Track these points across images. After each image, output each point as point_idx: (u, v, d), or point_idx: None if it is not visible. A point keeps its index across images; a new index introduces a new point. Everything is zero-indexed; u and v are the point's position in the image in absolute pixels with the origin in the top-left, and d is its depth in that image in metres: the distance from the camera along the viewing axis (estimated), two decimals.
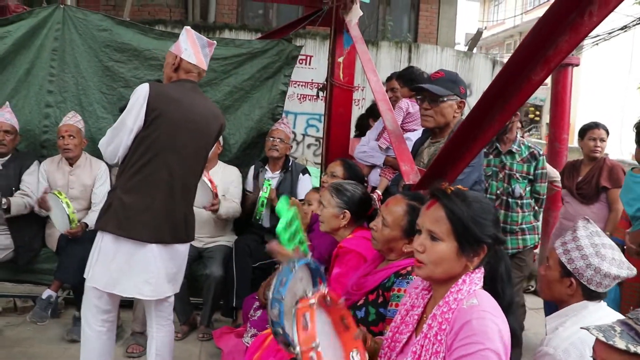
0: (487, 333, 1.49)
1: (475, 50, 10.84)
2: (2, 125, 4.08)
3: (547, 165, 4.16)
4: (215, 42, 3.11)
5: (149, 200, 2.81)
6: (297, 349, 1.62)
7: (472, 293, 1.62)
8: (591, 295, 2.01)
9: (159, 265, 2.85)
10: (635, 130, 3.58)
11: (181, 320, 4.14)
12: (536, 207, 4.04)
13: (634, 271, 2.00)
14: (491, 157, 3.99)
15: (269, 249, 2.69)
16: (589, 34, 1.52)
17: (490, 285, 1.70)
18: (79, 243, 3.84)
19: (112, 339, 3.00)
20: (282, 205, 2.89)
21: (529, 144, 4.01)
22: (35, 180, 4.20)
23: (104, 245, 2.82)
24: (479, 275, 1.67)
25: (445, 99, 2.83)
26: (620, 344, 1.36)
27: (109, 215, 2.81)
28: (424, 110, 2.92)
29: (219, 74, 4.59)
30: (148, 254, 2.81)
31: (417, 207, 2.24)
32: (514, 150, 3.94)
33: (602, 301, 2.03)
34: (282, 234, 2.70)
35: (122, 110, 3.03)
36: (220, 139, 4.37)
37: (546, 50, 1.62)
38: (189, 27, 3.05)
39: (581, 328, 1.55)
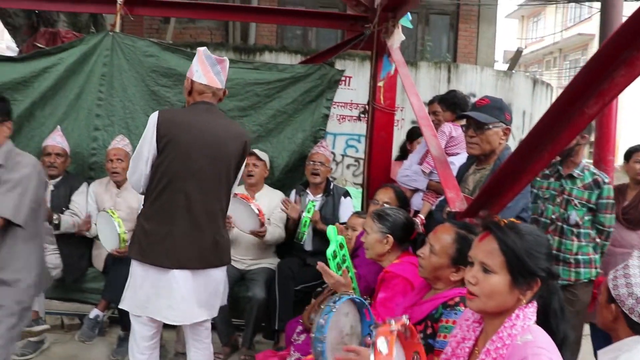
0: None
1: (515, 69, 10.76)
2: (54, 149, 4.24)
3: None
4: (226, 58, 3.04)
5: (168, 227, 2.82)
6: None
7: (526, 328, 1.60)
8: (637, 329, 1.96)
9: (183, 291, 2.84)
10: None
11: (223, 342, 4.17)
12: (598, 240, 3.69)
13: None
14: (552, 179, 3.72)
15: (319, 267, 2.70)
16: None
17: (543, 320, 1.67)
18: (125, 263, 3.91)
19: None
20: (332, 231, 2.92)
21: (595, 170, 3.67)
22: (84, 201, 4.35)
23: (133, 271, 2.89)
24: (532, 310, 1.65)
25: (490, 126, 2.82)
26: None
27: (133, 242, 2.90)
28: (469, 138, 2.92)
29: (263, 97, 4.65)
30: (172, 280, 2.81)
31: (465, 235, 2.23)
32: (575, 174, 3.63)
33: None
34: (330, 259, 2.72)
35: None
36: (267, 161, 4.44)
37: (601, 84, 1.60)
38: (201, 48, 3.03)
39: None
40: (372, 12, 4.50)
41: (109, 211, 3.95)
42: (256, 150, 4.41)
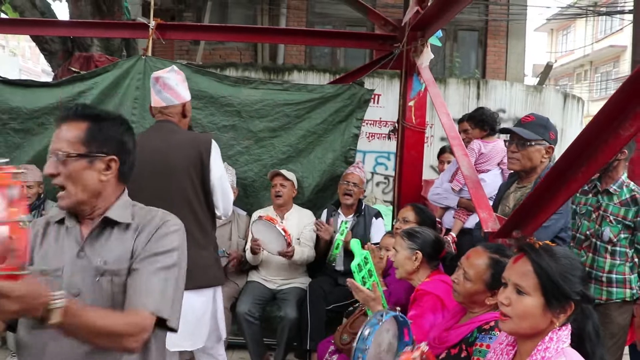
0: None
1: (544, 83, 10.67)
2: None
3: None
4: (163, 74, 3.00)
5: None
6: None
7: (560, 351, 1.59)
8: None
9: None
10: None
11: None
12: (636, 259, 3.56)
13: None
14: (589, 195, 3.65)
15: (348, 283, 2.69)
16: None
17: (577, 344, 1.66)
18: None
19: None
20: (356, 244, 2.92)
21: (634, 187, 3.55)
22: None
23: None
24: (566, 333, 1.64)
25: (533, 143, 2.83)
26: None
27: None
28: (511, 153, 2.94)
29: (293, 118, 4.68)
30: None
31: (499, 260, 2.21)
32: (611, 190, 3.53)
33: None
34: (355, 272, 2.72)
35: None
36: (295, 181, 4.46)
37: (636, 106, 1.59)
38: (155, 73, 3.07)
39: None
40: (400, 32, 4.52)
41: None
42: (283, 171, 4.45)
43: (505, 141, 3.12)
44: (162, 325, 1.65)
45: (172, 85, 2.99)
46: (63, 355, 1.61)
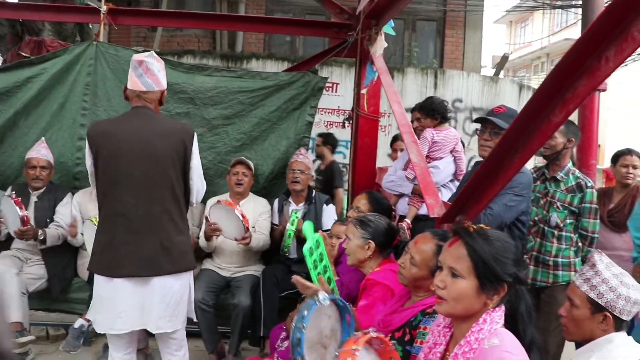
0: None
1: (502, 74, 10.84)
2: (39, 161, 4.24)
3: None
4: (147, 58, 2.94)
5: (109, 237, 2.84)
6: None
7: (493, 332, 1.63)
8: (620, 327, 2.00)
9: (130, 300, 2.82)
10: None
11: (209, 349, 4.16)
12: (580, 244, 3.69)
13: None
14: (538, 182, 3.77)
15: (294, 280, 2.62)
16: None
17: (511, 324, 1.71)
18: None
19: None
20: (308, 227, 2.93)
21: (579, 174, 3.69)
22: (68, 211, 4.34)
23: (95, 285, 2.93)
24: (499, 314, 1.69)
25: None
26: None
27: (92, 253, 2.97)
28: (483, 141, 3.05)
29: (247, 105, 4.67)
30: (117, 289, 2.80)
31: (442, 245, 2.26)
32: (558, 177, 3.66)
33: (625, 333, 2.02)
34: (307, 256, 2.72)
35: None
36: (253, 169, 4.46)
37: (564, 93, 1.65)
38: (136, 55, 2.97)
39: None
40: (355, 20, 4.54)
41: (93, 220, 3.94)
42: (245, 159, 4.44)
43: (475, 130, 3.21)
44: None
45: (155, 71, 2.96)
46: None
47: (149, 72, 2.94)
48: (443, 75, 9.14)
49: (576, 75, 1.59)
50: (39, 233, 4.07)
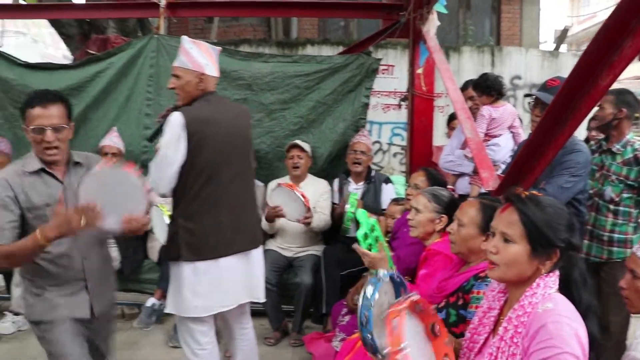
0: (564, 337, 1.52)
1: (565, 47, 10.49)
2: (111, 149, 4.50)
3: None
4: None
5: (215, 221, 2.88)
6: (386, 350, 1.70)
7: (547, 297, 1.65)
8: None
9: (235, 275, 2.95)
10: None
11: (273, 327, 4.33)
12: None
13: None
14: (596, 155, 3.62)
15: (354, 247, 2.67)
16: None
17: (565, 290, 1.71)
18: None
19: (216, 352, 3.07)
20: (362, 215, 2.99)
21: (638, 147, 3.46)
22: None
23: (181, 273, 2.88)
24: (553, 279, 1.70)
25: None
26: None
27: (177, 245, 2.87)
28: (535, 117, 3.02)
29: (303, 90, 4.77)
30: (223, 268, 2.89)
31: (490, 204, 2.30)
32: (614, 149, 3.50)
33: None
34: (361, 241, 2.79)
35: (151, 139, 3.27)
36: (309, 151, 4.56)
37: (611, 56, 1.64)
38: (187, 38, 3.00)
39: None
40: (406, 0, 4.54)
41: (160, 206, 4.14)
42: (299, 142, 4.54)
43: (529, 104, 3.17)
44: None
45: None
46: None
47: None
48: (500, 52, 8.95)
49: (622, 37, 1.58)
50: None
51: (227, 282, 2.93)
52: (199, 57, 2.93)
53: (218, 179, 2.89)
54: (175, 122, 2.79)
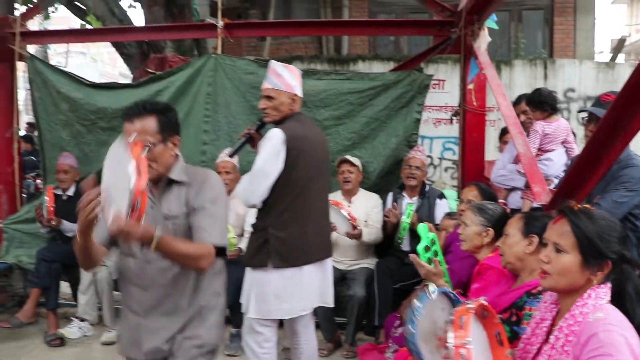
0: (615, 345, 1.54)
1: (623, 57, 10.25)
2: None
3: None
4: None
5: (302, 231, 3.10)
6: (450, 342, 1.76)
7: (598, 307, 1.68)
8: None
9: (312, 282, 3.16)
10: None
11: (326, 338, 4.40)
12: None
13: None
14: None
15: (411, 258, 2.73)
16: None
17: (619, 304, 1.73)
18: (235, 265, 4.24)
19: (275, 358, 3.28)
20: (423, 229, 3.05)
21: None
22: None
23: (269, 279, 3.07)
24: (605, 290, 1.73)
25: None
26: None
27: (267, 253, 3.07)
28: (588, 132, 3.03)
29: (356, 106, 4.87)
30: (304, 275, 3.11)
31: (532, 214, 2.40)
32: None
33: None
34: (422, 254, 2.85)
35: (233, 154, 3.42)
36: (360, 166, 4.64)
37: None
38: (276, 63, 3.21)
39: None
40: (457, 17, 4.60)
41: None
42: (349, 157, 4.62)
43: (583, 119, 3.15)
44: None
45: None
46: (152, 276, 2.23)
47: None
48: (553, 64, 8.85)
49: None
50: None
51: (307, 287, 3.14)
52: (290, 79, 3.16)
53: (307, 192, 3.12)
54: (276, 138, 2.99)
